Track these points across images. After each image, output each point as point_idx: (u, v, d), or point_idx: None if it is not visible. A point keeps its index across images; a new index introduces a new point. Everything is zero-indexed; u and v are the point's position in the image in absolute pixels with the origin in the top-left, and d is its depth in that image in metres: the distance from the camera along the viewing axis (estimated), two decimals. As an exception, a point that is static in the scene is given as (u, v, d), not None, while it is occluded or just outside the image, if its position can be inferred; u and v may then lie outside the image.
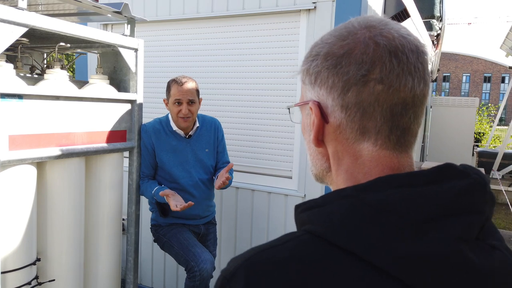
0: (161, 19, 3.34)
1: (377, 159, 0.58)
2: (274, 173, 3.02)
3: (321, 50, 0.60)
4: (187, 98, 2.44)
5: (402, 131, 0.58)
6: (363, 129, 0.57)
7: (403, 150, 0.59)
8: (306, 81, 0.63)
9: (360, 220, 0.51)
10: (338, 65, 0.57)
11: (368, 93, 0.56)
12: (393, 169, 0.57)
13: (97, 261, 2.29)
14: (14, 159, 1.73)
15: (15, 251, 1.78)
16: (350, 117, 0.57)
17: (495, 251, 0.54)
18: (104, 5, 2.18)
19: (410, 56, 0.56)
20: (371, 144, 0.58)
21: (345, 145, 0.59)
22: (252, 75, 3.04)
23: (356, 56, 0.56)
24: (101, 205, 2.27)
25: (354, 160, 0.59)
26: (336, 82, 0.57)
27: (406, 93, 0.56)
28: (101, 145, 2.19)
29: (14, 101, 1.73)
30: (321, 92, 0.60)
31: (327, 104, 0.59)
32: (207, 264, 2.38)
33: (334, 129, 0.59)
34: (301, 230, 0.56)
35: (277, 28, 2.93)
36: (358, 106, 0.56)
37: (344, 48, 0.57)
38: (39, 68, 2.59)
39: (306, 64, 0.63)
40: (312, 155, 0.66)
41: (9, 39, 1.65)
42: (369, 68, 0.55)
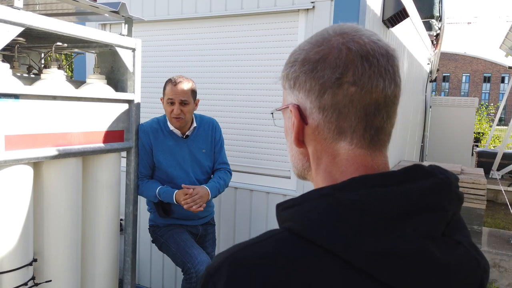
0: (159, 19, 3.33)
1: (352, 157, 0.61)
2: (272, 173, 3.01)
3: (299, 56, 0.64)
4: (180, 98, 2.43)
5: (376, 130, 0.61)
6: (340, 129, 0.60)
7: (377, 149, 0.62)
8: (286, 86, 0.67)
9: (336, 219, 0.53)
10: (314, 70, 0.61)
11: (342, 95, 0.59)
12: (368, 167, 0.61)
13: (94, 261, 2.28)
14: (10, 159, 1.72)
15: (11, 252, 1.77)
16: (327, 118, 0.61)
17: (459, 246, 0.57)
18: (102, 5, 2.17)
19: (381, 59, 0.60)
20: (347, 143, 0.61)
21: (323, 145, 0.63)
22: (250, 75, 3.04)
23: (331, 61, 0.60)
24: (98, 206, 2.26)
25: (332, 159, 0.62)
26: (313, 86, 0.61)
27: (378, 94, 0.60)
28: (98, 145, 2.18)
29: (10, 101, 1.72)
30: (300, 95, 0.63)
31: (306, 107, 0.63)
32: (203, 265, 2.37)
33: (312, 129, 0.63)
34: (281, 228, 0.59)
35: (276, 28, 2.92)
36: (334, 107, 0.60)
37: (320, 53, 0.61)
38: (36, 68, 2.58)
39: (286, 70, 0.67)
40: (293, 155, 0.69)
41: (5, 39, 1.64)
42: (342, 72, 0.59)
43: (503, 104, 9.48)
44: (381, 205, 0.53)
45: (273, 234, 0.58)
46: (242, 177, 3.09)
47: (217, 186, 2.52)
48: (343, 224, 0.53)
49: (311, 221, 0.55)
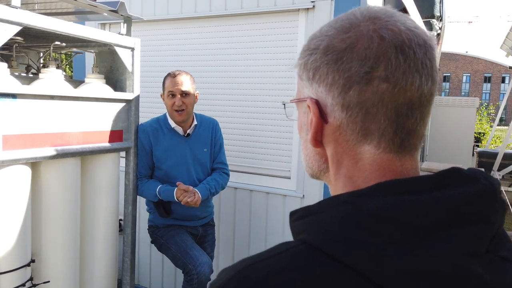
0: (159, 18, 3.32)
1: (378, 163, 0.54)
2: (272, 173, 3.00)
3: (321, 43, 0.55)
4: (180, 89, 2.43)
5: (407, 134, 0.54)
6: (365, 131, 0.53)
7: (407, 153, 0.55)
8: (303, 77, 0.59)
9: (356, 230, 0.47)
10: (339, 61, 0.53)
11: (371, 92, 0.51)
12: (396, 173, 0.54)
13: (93, 262, 2.27)
14: (8, 159, 1.71)
15: (9, 252, 1.76)
16: (351, 118, 0.53)
17: (506, 264, 0.48)
18: (101, 4, 2.16)
19: (418, 51, 0.52)
20: (373, 147, 0.54)
21: (345, 147, 0.55)
22: (250, 74, 3.03)
23: (359, 51, 0.52)
24: (97, 206, 2.24)
25: (354, 164, 0.55)
26: (337, 79, 0.53)
27: (413, 92, 0.52)
28: (97, 145, 2.17)
29: (8, 101, 1.71)
30: (320, 89, 0.55)
31: (327, 103, 0.55)
32: (205, 267, 2.35)
33: (333, 129, 0.55)
34: (296, 240, 0.52)
35: (276, 28, 2.91)
36: (360, 106, 0.52)
37: (346, 41, 0.53)
38: (35, 67, 2.57)
39: (304, 58, 0.58)
40: (308, 155, 0.62)
41: (2, 38, 1.63)
42: (373, 65, 0.51)
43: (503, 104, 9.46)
44: (411, 215, 0.46)
45: (288, 248, 0.51)
46: (242, 177, 3.08)
47: (207, 187, 2.50)
48: (365, 236, 0.46)
49: (329, 233, 0.48)
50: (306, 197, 2.85)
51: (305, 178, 2.84)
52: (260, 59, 2.98)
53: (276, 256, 0.50)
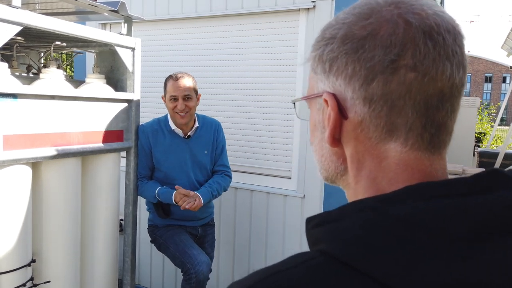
0: (159, 18, 3.32)
1: (406, 161, 0.48)
2: (273, 173, 3.00)
3: (338, 31, 0.50)
4: (182, 94, 2.41)
5: (437, 128, 0.48)
6: (391, 126, 0.48)
7: (436, 151, 0.49)
8: (317, 70, 0.53)
9: (385, 240, 0.41)
10: (360, 49, 0.48)
11: (397, 82, 0.46)
12: (425, 174, 0.48)
13: (94, 262, 2.27)
14: (8, 159, 1.71)
15: (10, 252, 1.76)
16: (374, 112, 0.48)
17: None
18: (101, 4, 2.16)
19: (447, 37, 0.47)
20: (399, 144, 0.48)
21: (367, 145, 0.50)
22: (251, 74, 3.02)
23: (383, 38, 0.46)
24: (97, 206, 2.25)
25: (378, 163, 0.50)
26: (358, 70, 0.48)
27: (444, 82, 0.47)
28: (97, 145, 2.17)
29: (9, 101, 1.71)
30: (338, 82, 0.50)
31: (346, 97, 0.50)
32: (203, 266, 2.35)
33: (354, 126, 0.50)
34: (314, 251, 0.46)
35: (276, 27, 2.91)
36: (385, 99, 0.47)
37: (367, 28, 0.48)
38: (35, 67, 2.57)
39: (318, 50, 0.53)
40: (324, 156, 0.56)
41: (3, 38, 1.63)
42: (399, 52, 0.46)
43: (504, 104, 9.46)
44: (447, 222, 0.41)
45: (305, 260, 0.45)
46: (242, 177, 3.08)
47: (209, 191, 2.49)
48: (394, 246, 0.41)
49: (351, 243, 0.43)
50: (307, 197, 2.84)
51: (305, 178, 2.84)
52: (260, 59, 2.98)
53: (292, 269, 0.45)
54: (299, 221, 2.89)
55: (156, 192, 2.44)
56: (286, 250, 2.94)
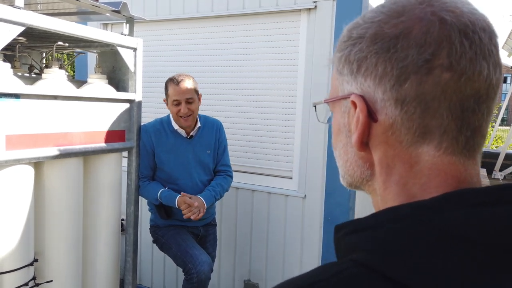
0: (161, 19, 3.33)
1: (439, 166, 0.46)
2: (274, 174, 3.00)
3: (366, 31, 0.48)
4: (185, 97, 2.41)
5: (472, 132, 0.46)
6: (424, 129, 0.45)
7: (471, 156, 0.47)
8: (344, 71, 0.51)
9: (428, 250, 0.39)
10: (392, 49, 0.46)
11: (432, 83, 0.44)
12: (459, 179, 0.46)
13: (96, 261, 2.28)
14: (11, 159, 1.71)
15: (12, 252, 1.77)
16: (407, 114, 0.46)
17: None
18: (103, 4, 2.16)
19: (483, 36, 0.45)
20: (432, 147, 0.46)
21: (398, 149, 0.48)
22: (252, 74, 3.03)
23: (417, 37, 0.44)
24: (99, 206, 2.25)
25: (409, 169, 0.47)
26: (389, 70, 0.46)
27: (481, 83, 0.45)
28: (99, 145, 2.17)
29: (11, 101, 1.72)
30: (367, 83, 0.48)
31: (376, 98, 0.48)
32: (205, 266, 2.36)
33: (384, 129, 0.48)
34: (347, 261, 0.44)
35: (278, 28, 2.91)
36: (419, 100, 0.45)
37: (399, 27, 0.46)
38: (37, 67, 2.58)
39: (345, 50, 0.51)
40: (349, 160, 0.54)
41: (6, 38, 1.64)
42: (434, 51, 0.44)
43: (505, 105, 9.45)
44: (493, 232, 0.39)
45: (338, 271, 0.42)
46: (244, 177, 3.08)
47: (212, 195, 2.50)
48: (436, 257, 0.39)
49: (390, 252, 0.41)
50: (308, 197, 2.85)
51: (306, 178, 2.84)
52: (261, 59, 2.98)
53: (324, 281, 0.42)
54: (300, 221, 2.89)
55: (159, 195, 2.44)
56: (287, 250, 2.95)
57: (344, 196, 2.69)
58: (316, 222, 2.81)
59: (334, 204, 2.72)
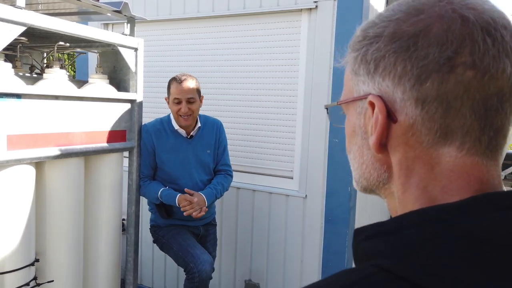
0: (162, 19, 3.33)
1: (461, 168, 0.44)
2: (275, 174, 3.00)
3: (384, 29, 0.47)
4: (186, 97, 2.42)
5: (495, 132, 0.45)
6: (446, 129, 0.44)
7: (493, 156, 0.46)
8: (360, 71, 0.50)
9: (458, 256, 0.38)
10: (412, 47, 0.44)
11: (454, 82, 0.43)
12: (481, 181, 0.44)
13: (97, 261, 2.28)
14: (12, 159, 1.71)
15: (13, 252, 1.77)
16: (428, 114, 0.44)
17: None
18: (104, 4, 2.16)
19: (504, 33, 0.44)
20: (454, 148, 0.44)
21: (418, 151, 0.46)
22: (253, 74, 3.03)
23: (438, 35, 0.43)
24: (100, 206, 2.25)
25: (429, 170, 0.46)
26: (409, 69, 0.45)
27: (504, 81, 0.43)
28: (100, 145, 2.18)
29: (12, 101, 1.72)
30: (385, 83, 0.47)
31: (395, 98, 0.46)
32: (206, 265, 2.36)
33: (404, 130, 0.46)
34: (370, 266, 0.42)
35: (278, 28, 2.91)
36: (440, 100, 0.43)
37: (419, 25, 0.45)
38: (38, 67, 2.58)
39: (360, 49, 0.50)
40: (365, 163, 0.52)
41: (7, 38, 1.64)
42: (456, 49, 0.43)
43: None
44: None
45: (362, 276, 0.41)
46: (245, 177, 3.08)
47: (214, 193, 2.50)
48: (469, 264, 0.37)
49: (416, 258, 0.39)
50: (309, 197, 2.85)
51: (307, 178, 2.84)
52: (262, 59, 2.98)
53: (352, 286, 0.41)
54: (300, 221, 2.89)
55: (159, 194, 2.44)
56: (288, 250, 2.95)
57: (345, 196, 2.69)
58: (317, 222, 2.81)
59: (335, 204, 2.72)
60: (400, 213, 0.47)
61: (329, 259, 2.76)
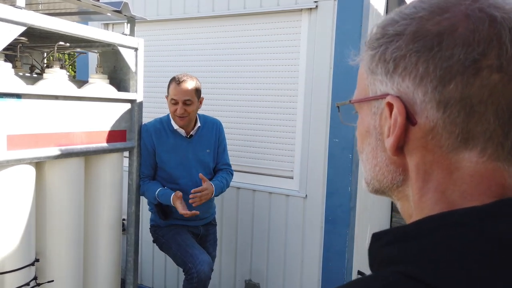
0: (162, 19, 3.33)
1: (482, 173, 0.43)
2: (275, 173, 3.00)
3: (406, 27, 0.45)
4: (183, 98, 2.42)
5: None
6: (468, 134, 0.43)
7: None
8: (377, 70, 0.48)
9: (489, 263, 0.36)
10: (436, 47, 0.43)
11: (479, 85, 0.41)
12: (503, 187, 0.43)
13: (97, 261, 2.28)
14: (12, 159, 1.72)
15: (13, 252, 1.77)
16: (450, 118, 0.43)
17: None
18: (104, 4, 2.16)
19: None
20: (475, 153, 0.43)
21: (437, 155, 0.45)
22: (253, 74, 3.03)
23: (464, 35, 0.42)
24: (100, 205, 2.25)
25: (448, 175, 0.44)
26: (431, 70, 0.43)
27: None
28: (100, 145, 2.18)
29: (13, 101, 1.72)
30: (405, 83, 0.45)
31: (415, 100, 0.45)
32: (205, 265, 2.36)
33: (424, 133, 0.45)
34: (393, 273, 0.40)
35: (279, 28, 2.91)
36: (464, 103, 0.42)
37: (443, 24, 0.43)
38: (38, 67, 2.58)
39: (379, 48, 0.48)
40: (378, 165, 0.51)
41: (7, 38, 1.64)
42: (483, 51, 0.41)
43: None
44: None
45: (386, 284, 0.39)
46: (245, 177, 3.08)
47: (221, 186, 2.52)
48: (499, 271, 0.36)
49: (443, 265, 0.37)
50: (309, 197, 2.85)
51: (307, 178, 2.84)
52: (262, 59, 2.98)
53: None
54: (301, 221, 2.89)
55: (156, 194, 2.44)
56: (288, 250, 2.95)
57: (345, 196, 2.69)
58: (317, 222, 2.81)
59: (335, 204, 2.72)
60: (417, 217, 0.45)
61: (329, 259, 2.76)
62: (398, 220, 4.81)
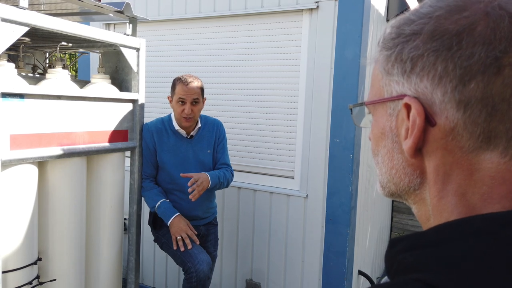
0: (163, 19, 3.34)
1: (503, 175, 0.42)
2: (276, 173, 3.01)
3: (423, 26, 0.44)
4: (192, 98, 2.43)
5: None
6: (489, 133, 0.41)
7: None
8: (393, 70, 0.47)
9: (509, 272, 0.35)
10: (455, 46, 0.42)
11: (501, 83, 0.40)
12: None
13: (98, 260, 2.29)
14: (15, 159, 1.73)
15: (16, 251, 1.78)
16: (470, 118, 0.42)
17: None
18: (106, 5, 2.17)
19: None
20: (497, 154, 0.42)
21: (457, 156, 0.43)
22: (254, 74, 3.04)
23: (483, 33, 0.41)
24: (102, 205, 2.26)
25: (468, 177, 0.43)
26: (451, 70, 0.42)
27: None
28: (102, 144, 2.19)
29: (16, 101, 1.73)
30: (423, 84, 0.44)
31: (434, 100, 0.44)
32: (204, 265, 2.36)
33: (444, 134, 0.44)
34: (413, 281, 0.39)
35: (280, 28, 2.92)
36: (485, 102, 0.41)
37: (462, 22, 0.42)
38: (41, 67, 2.59)
39: (395, 47, 0.47)
40: (395, 168, 0.50)
41: (10, 39, 1.65)
42: (505, 49, 0.40)
43: None
44: None
45: None
46: (246, 177, 3.09)
47: (217, 175, 2.50)
48: None
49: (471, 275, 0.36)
50: (310, 197, 2.86)
51: (308, 178, 2.85)
52: (263, 59, 2.99)
53: None
54: (301, 220, 2.90)
55: (156, 206, 2.46)
56: (289, 250, 2.95)
57: (346, 196, 2.69)
58: (318, 222, 2.82)
59: (336, 204, 2.73)
60: (435, 221, 0.44)
61: (330, 259, 2.77)
62: (398, 220, 4.81)
